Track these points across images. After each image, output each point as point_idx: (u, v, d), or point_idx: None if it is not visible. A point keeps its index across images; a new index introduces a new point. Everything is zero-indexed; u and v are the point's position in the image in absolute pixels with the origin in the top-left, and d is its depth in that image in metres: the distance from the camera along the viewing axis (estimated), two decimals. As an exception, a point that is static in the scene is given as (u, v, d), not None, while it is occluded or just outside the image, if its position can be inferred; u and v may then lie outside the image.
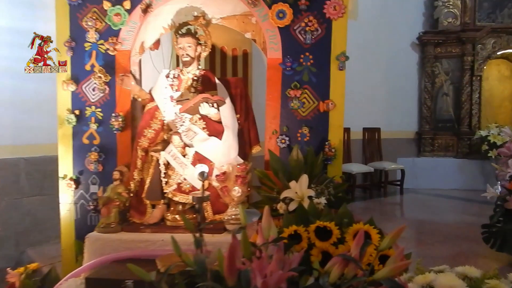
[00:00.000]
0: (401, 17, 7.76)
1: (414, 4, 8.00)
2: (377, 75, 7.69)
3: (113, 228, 2.80)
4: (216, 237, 2.59)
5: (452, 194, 7.36)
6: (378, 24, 7.54)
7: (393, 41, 7.74)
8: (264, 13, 3.27)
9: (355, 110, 7.32)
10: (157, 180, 2.90)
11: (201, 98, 2.83)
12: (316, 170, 2.96)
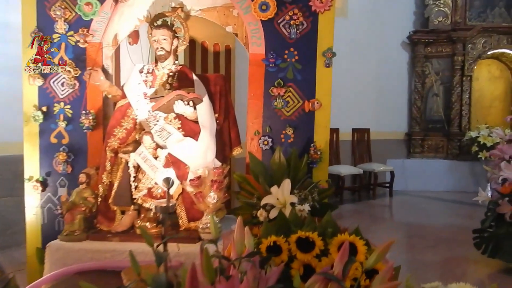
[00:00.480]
0: (391, 16, 7.61)
1: (405, 3, 7.86)
2: (367, 75, 7.53)
3: (78, 236, 2.56)
4: (190, 247, 2.37)
5: (442, 196, 7.24)
6: (369, 22, 7.38)
7: (383, 40, 7.59)
8: (246, 5, 3.06)
9: (344, 110, 7.18)
10: (126, 184, 2.67)
11: (175, 96, 2.60)
12: (300, 174, 2.75)
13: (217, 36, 3.69)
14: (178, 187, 2.61)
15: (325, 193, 2.77)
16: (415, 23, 7.92)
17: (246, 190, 2.73)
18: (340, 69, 7.19)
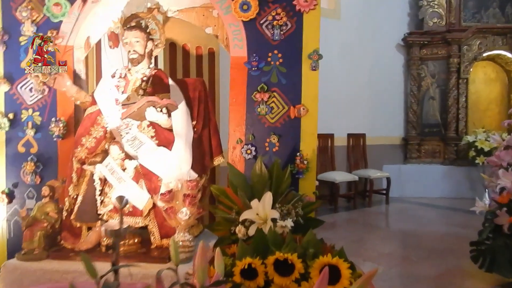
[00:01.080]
0: (385, 17, 7.43)
1: (399, 4, 7.67)
2: (362, 78, 7.34)
3: (37, 255, 2.34)
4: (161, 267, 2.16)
5: (438, 203, 7.03)
6: (362, 24, 7.21)
7: (377, 42, 7.40)
8: (226, 5, 2.87)
9: (339, 115, 7.00)
10: (91, 198, 2.44)
11: (145, 102, 2.39)
12: (283, 186, 2.54)
13: (199, 39, 3.49)
14: (148, 201, 2.40)
15: (310, 207, 2.56)
16: (409, 24, 7.74)
17: (224, 204, 2.52)
18: (333, 72, 7.09)
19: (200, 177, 2.71)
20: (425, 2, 7.43)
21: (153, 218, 2.45)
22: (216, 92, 3.59)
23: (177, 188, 2.31)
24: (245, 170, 2.86)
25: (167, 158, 2.46)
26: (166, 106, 2.47)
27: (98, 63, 3.36)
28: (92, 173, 2.46)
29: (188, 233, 2.31)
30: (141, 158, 2.48)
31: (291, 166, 2.86)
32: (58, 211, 2.46)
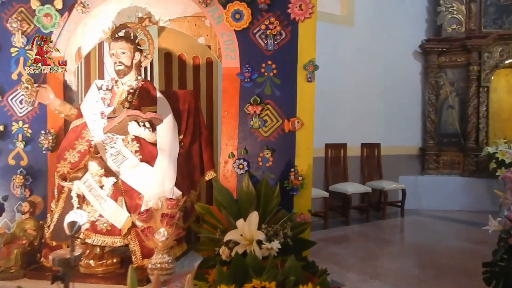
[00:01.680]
0: (401, 24, 7.19)
1: (416, 10, 7.43)
2: (376, 86, 7.12)
3: (13, 273, 2.27)
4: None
5: (457, 216, 6.73)
6: (377, 31, 6.99)
7: (393, 50, 7.17)
8: (218, 14, 2.77)
9: (352, 124, 6.81)
10: (68, 216, 2.36)
11: (126, 116, 2.30)
12: (272, 205, 2.40)
13: (196, 48, 3.39)
14: (127, 220, 2.30)
15: (301, 227, 2.40)
16: (427, 31, 7.48)
17: (209, 223, 2.39)
18: (346, 80, 6.91)
19: (188, 192, 2.61)
20: (443, 8, 7.17)
21: (135, 237, 2.35)
22: (214, 103, 3.49)
23: (157, 207, 2.20)
24: (237, 186, 2.73)
25: (149, 174, 2.36)
26: (150, 120, 2.37)
27: (87, 74, 3.31)
28: (70, 189, 2.38)
29: (167, 255, 2.19)
30: (122, 174, 2.38)
31: (285, 182, 2.73)
32: (37, 228, 2.38)
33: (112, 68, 2.75)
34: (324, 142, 6.49)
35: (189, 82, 3.45)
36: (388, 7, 7.08)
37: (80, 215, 1.72)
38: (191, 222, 2.62)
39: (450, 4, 7.18)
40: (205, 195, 3.27)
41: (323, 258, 4.22)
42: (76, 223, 1.37)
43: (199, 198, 2.88)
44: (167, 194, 2.32)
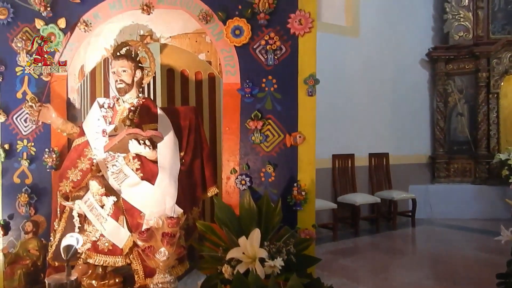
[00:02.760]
0: (407, 32, 7.15)
1: (422, 18, 7.38)
2: (384, 95, 7.07)
3: (17, 294, 2.27)
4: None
5: (469, 224, 6.60)
6: (383, 40, 6.96)
7: (400, 58, 7.13)
8: (218, 30, 2.78)
9: (359, 134, 6.76)
10: (71, 236, 2.35)
11: (126, 135, 2.30)
12: (274, 221, 2.38)
13: (198, 63, 3.41)
14: (128, 239, 2.29)
15: (304, 243, 2.37)
16: (433, 39, 7.42)
17: (211, 241, 2.38)
18: (354, 90, 6.88)
19: (190, 210, 2.60)
20: (450, 16, 7.12)
21: (137, 256, 2.34)
22: (217, 118, 3.49)
23: (158, 226, 2.19)
24: (240, 202, 2.72)
25: (150, 192, 2.36)
26: (151, 137, 2.37)
27: (92, 91, 3.33)
28: (72, 209, 2.38)
29: (169, 274, 2.18)
30: (124, 192, 2.38)
31: (289, 197, 2.70)
32: (41, 248, 2.39)
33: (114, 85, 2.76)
34: (331, 153, 6.44)
35: (192, 98, 3.47)
36: (393, 16, 7.05)
37: (76, 238, 1.71)
38: (194, 240, 2.61)
39: (457, 12, 7.13)
40: (209, 211, 3.26)
41: (333, 272, 4.16)
42: (72, 247, 1.37)
43: (203, 215, 2.87)
44: (168, 212, 2.32)
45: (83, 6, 2.89)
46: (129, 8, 2.87)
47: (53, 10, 2.89)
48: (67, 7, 2.90)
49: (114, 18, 2.90)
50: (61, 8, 2.90)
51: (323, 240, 5.64)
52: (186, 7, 2.80)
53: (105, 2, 2.88)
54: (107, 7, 2.88)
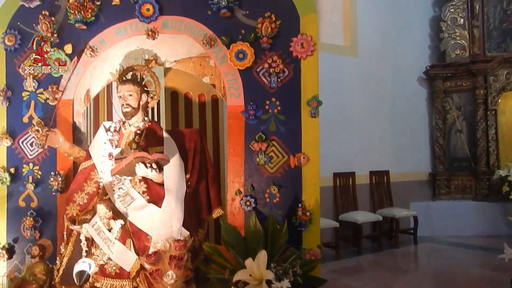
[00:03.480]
0: (405, 51, 7.26)
1: (419, 37, 7.50)
2: (383, 113, 7.14)
3: (24, 321, 2.27)
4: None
5: (472, 241, 6.58)
6: (381, 59, 7.06)
7: (398, 76, 7.22)
8: (222, 54, 2.84)
9: (359, 152, 6.79)
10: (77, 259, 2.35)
11: (133, 159, 2.33)
12: (280, 243, 2.40)
13: (202, 86, 3.46)
14: (136, 262, 2.30)
15: (311, 265, 2.39)
16: (430, 57, 7.53)
17: (217, 263, 2.39)
18: (353, 109, 6.94)
19: (196, 232, 2.61)
20: (446, 34, 7.24)
21: (143, 279, 2.34)
22: (220, 139, 3.52)
23: (165, 249, 2.21)
24: (244, 223, 2.74)
25: (156, 215, 2.38)
26: (157, 160, 2.41)
27: (96, 115, 3.37)
28: (79, 232, 2.39)
29: (176, 297, 2.18)
30: (130, 215, 2.40)
31: (293, 218, 2.72)
32: (47, 272, 2.39)
33: (120, 109, 2.81)
34: (332, 171, 6.46)
35: (195, 120, 3.51)
36: (391, 35, 7.17)
37: (89, 264, 1.72)
38: (200, 262, 2.61)
39: (453, 30, 7.26)
40: (213, 233, 3.27)
41: (337, 291, 4.14)
42: (84, 272, 1.39)
43: (207, 237, 2.88)
44: (175, 234, 2.33)
45: (89, 32, 2.96)
46: (135, 34, 2.94)
47: (59, 36, 2.95)
48: (73, 33, 2.96)
49: (119, 43, 2.96)
50: (68, 34, 2.97)
51: (326, 259, 5.61)
52: (190, 32, 2.87)
53: (111, 28, 2.94)
54: (113, 33, 2.95)
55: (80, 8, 2.90)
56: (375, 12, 7.00)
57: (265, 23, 2.76)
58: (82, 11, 2.90)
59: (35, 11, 2.96)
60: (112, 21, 2.96)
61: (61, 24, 2.97)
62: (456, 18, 7.24)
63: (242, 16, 2.83)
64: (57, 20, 2.96)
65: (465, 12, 7.22)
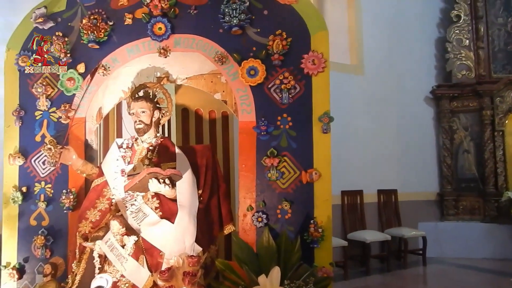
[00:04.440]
0: (411, 71, 7.30)
1: (424, 57, 7.54)
2: (390, 132, 7.13)
3: None
4: None
5: (481, 264, 6.47)
6: (387, 78, 7.10)
7: (404, 96, 7.24)
8: (234, 71, 2.87)
9: (367, 171, 6.76)
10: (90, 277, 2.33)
11: (146, 174, 2.33)
12: (293, 259, 2.37)
13: (212, 103, 3.48)
14: (149, 279, 2.27)
15: (323, 282, 2.35)
16: (437, 77, 7.56)
17: (230, 280, 2.36)
18: (360, 128, 6.94)
19: (208, 248, 2.58)
20: (451, 55, 7.28)
21: (155, 297, 2.31)
22: (230, 155, 3.53)
23: (178, 265, 2.18)
24: (256, 239, 2.71)
25: (169, 231, 2.36)
26: (170, 176, 2.40)
27: (105, 132, 3.39)
28: (92, 250, 2.37)
29: (189, 314, 2.14)
30: (143, 231, 2.39)
31: (305, 234, 2.70)
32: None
33: (131, 126, 2.82)
34: (340, 189, 6.43)
35: (206, 136, 3.52)
36: (397, 55, 7.22)
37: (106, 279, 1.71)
38: (211, 279, 2.58)
39: (458, 51, 7.30)
40: (224, 249, 3.24)
41: (346, 312, 4.07)
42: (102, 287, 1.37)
43: (218, 253, 2.85)
44: (188, 251, 2.31)
45: (102, 51, 3.00)
46: (147, 52, 2.98)
47: (72, 56, 2.99)
48: (86, 52, 3.00)
49: (131, 61, 3.00)
50: (80, 54, 3.01)
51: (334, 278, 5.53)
52: (202, 50, 2.90)
53: (123, 47, 2.98)
54: (125, 51, 2.99)
55: (93, 28, 2.94)
56: (380, 32, 7.08)
57: (276, 41, 2.79)
58: (95, 31, 2.94)
59: (49, 32, 3.00)
60: (124, 40, 3.00)
61: (74, 44, 3.01)
62: (461, 39, 7.31)
63: (253, 34, 2.87)
64: (71, 41, 3.00)
65: (470, 34, 7.28)
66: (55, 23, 3.02)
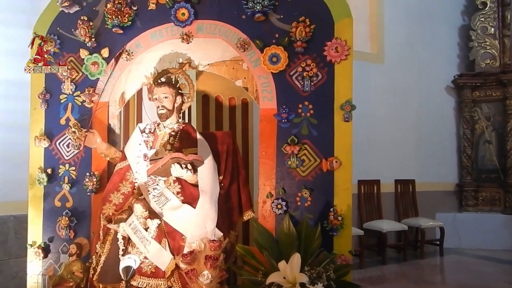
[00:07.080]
0: (433, 59, 7.16)
1: (447, 46, 7.39)
2: (409, 121, 7.04)
3: (61, 317, 2.31)
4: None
5: (500, 255, 6.40)
6: (408, 67, 6.99)
7: (425, 85, 7.12)
8: (256, 58, 2.87)
9: (385, 160, 6.71)
10: (114, 258, 2.38)
11: (169, 159, 2.37)
12: (313, 246, 2.39)
13: (232, 90, 3.50)
14: (171, 262, 2.32)
15: (343, 270, 2.36)
16: (459, 66, 7.41)
17: (250, 265, 2.39)
18: (379, 116, 6.88)
19: (228, 233, 2.62)
20: (475, 43, 7.12)
21: (177, 279, 2.35)
22: (249, 142, 3.54)
23: (200, 249, 2.22)
24: (275, 226, 2.74)
25: (190, 215, 2.40)
26: (192, 162, 2.43)
27: (126, 117, 3.43)
28: (116, 231, 2.43)
29: (210, 298, 2.19)
30: (165, 215, 2.43)
31: (325, 222, 2.71)
32: (84, 270, 2.43)
33: (152, 111, 2.85)
34: (357, 178, 6.40)
35: (225, 123, 3.54)
36: (418, 43, 7.09)
37: (134, 260, 1.75)
38: (231, 264, 2.62)
39: (483, 40, 7.14)
40: (242, 235, 3.28)
41: (362, 301, 4.08)
42: (131, 268, 1.41)
43: (237, 239, 2.88)
44: (209, 235, 2.35)
45: (126, 36, 3.03)
46: (170, 38, 2.99)
47: (97, 40, 3.03)
48: (110, 37, 3.03)
49: (154, 47, 3.02)
50: (105, 39, 3.04)
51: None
52: (224, 36, 2.91)
53: (147, 32, 3.00)
54: (149, 37, 3.01)
55: (117, 13, 2.96)
56: (402, 20, 6.94)
57: (299, 27, 2.77)
58: (119, 16, 2.96)
59: (74, 17, 3.05)
60: (148, 26, 3.02)
61: (99, 29, 3.05)
62: (486, 27, 7.12)
63: (276, 20, 2.86)
64: (95, 25, 3.04)
65: (495, 22, 7.09)
66: (81, 7, 3.06)
